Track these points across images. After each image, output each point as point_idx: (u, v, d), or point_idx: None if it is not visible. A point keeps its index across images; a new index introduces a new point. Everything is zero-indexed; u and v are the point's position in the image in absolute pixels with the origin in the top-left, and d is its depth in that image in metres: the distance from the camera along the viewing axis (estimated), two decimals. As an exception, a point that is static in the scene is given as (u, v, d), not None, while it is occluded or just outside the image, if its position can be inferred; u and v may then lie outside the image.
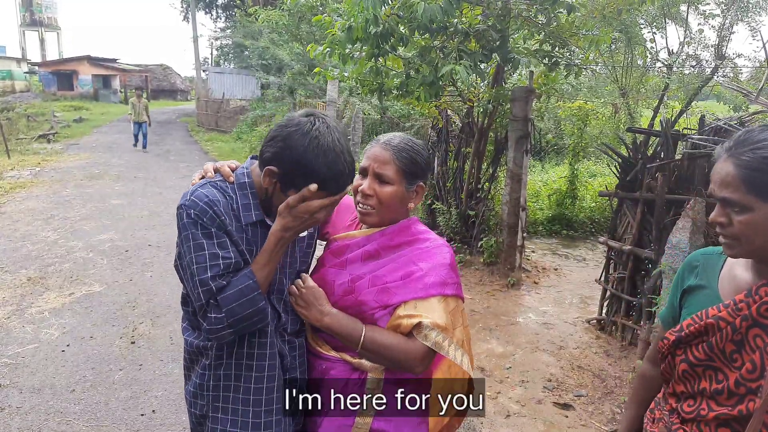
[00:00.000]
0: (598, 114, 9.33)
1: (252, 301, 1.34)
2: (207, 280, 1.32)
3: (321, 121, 1.34)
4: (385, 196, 1.51)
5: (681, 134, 4.27)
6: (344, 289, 1.53)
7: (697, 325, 1.26)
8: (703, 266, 1.35)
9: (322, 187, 1.33)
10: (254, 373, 1.46)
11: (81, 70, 36.63)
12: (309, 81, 14.98)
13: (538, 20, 5.11)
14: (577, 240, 8.13)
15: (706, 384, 1.25)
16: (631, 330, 4.46)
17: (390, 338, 1.46)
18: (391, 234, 1.57)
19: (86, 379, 3.64)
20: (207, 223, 1.33)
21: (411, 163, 1.53)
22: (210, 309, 1.33)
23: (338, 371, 1.53)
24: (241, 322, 1.34)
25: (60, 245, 6.48)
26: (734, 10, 5.91)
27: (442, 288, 1.49)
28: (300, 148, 1.30)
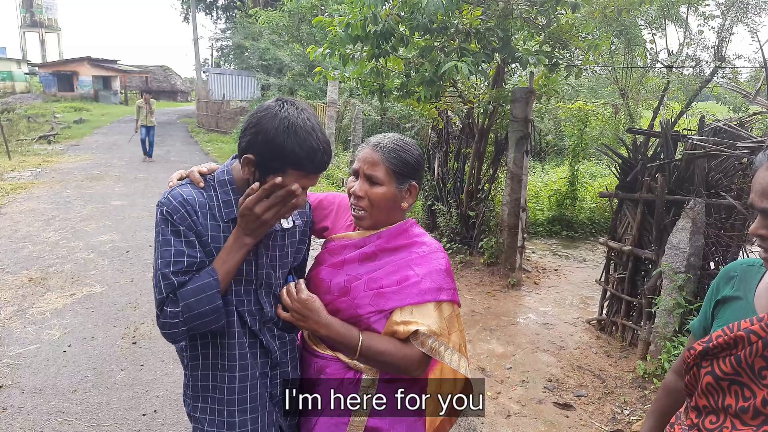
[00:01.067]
0: (598, 115, 9.34)
1: (210, 298, 1.35)
2: (169, 274, 1.34)
3: (290, 104, 1.37)
4: (376, 197, 1.52)
5: (681, 135, 4.27)
6: (340, 290, 1.53)
7: (726, 337, 1.20)
8: (740, 277, 1.30)
9: (297, 166, 1.34)
10: (227, 373, 1.47)
11: (81, 71, 36.67)
12: (309, 82, 15.01)
13: (538, 21, 5.12)
14: (578, 241, 8.14)
15: (732, 400, 1.20)
16: (632, 330, 4.47)
17: (387, 344, 1.47)
18: (388, 236, 1.58)
19: (88, 380, 3.65)
20: (177, 221, 1.37)
21: (401, 163, 1.53)
22: (168, 303, 1.35)
23: (333, 369, 1.55)
24: (196, 319, 1.35)
25: (61, 246, 6.49)
26: (734, 11, 5.92)
27: (437, 294, 1.50)
28: (271, 131, 1.31)
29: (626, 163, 4.56)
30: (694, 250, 3.83)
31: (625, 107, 8.03)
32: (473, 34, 4.77)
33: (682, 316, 3.84)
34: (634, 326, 4.41)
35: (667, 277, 3.94)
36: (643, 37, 6.87)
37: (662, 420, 1.54)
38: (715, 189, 3.91)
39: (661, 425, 1.53)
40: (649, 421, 1.58)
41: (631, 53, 6.99)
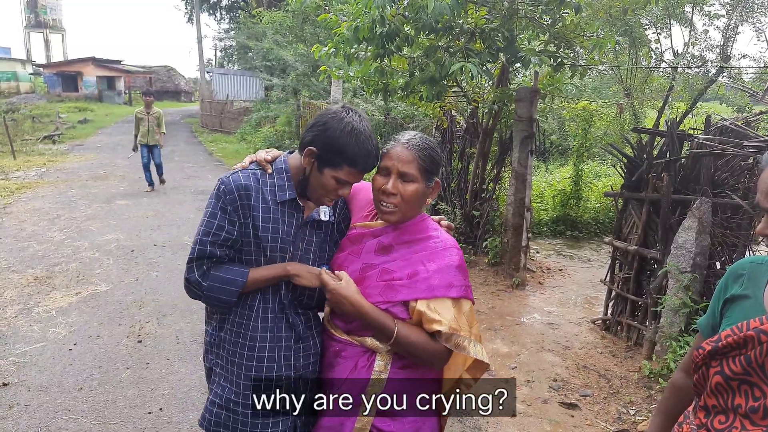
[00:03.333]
0: (602, 114, 9.32)
1: (230, 293, 1.61)
2: (206, 242, 1.59)
3: (353, 112, 1.61)
4: (409, 194, 1.58)
5: (686, 134, 4.26)
6: (355, 278, 1.62)
7: (735, 337, 1.19)
8: (749, 275, 1.29)
9: (352, 164, 1.57)
10: (248, 342, 1.67)
11: (85, 72, 36.78)
12: (313, 82, 15.01)
13: (543, 21, 5.12)
14: (582, 241, 8.12)
15: (742, 400, 1.18)
16: (637, 330, 4.46)
17: (418, 336, 1.56)
18: (405, 229, 1.66)
19: (93, 378, 3.66)
20: (227, 201, 1.59)
21: (431, 160, 1.61)
22: (197, 267, 1.60)
23: (349, 353, 1.65)
24: (211, 300, 1.62)
25: (66, 245, 6.51)
26: (739, 10, 5.90)
27: (446, 290, 1.56)
28: (336, 131, 1.55)
29: (632, 162, 4.54)
30: (700, 249, 3.82)
31: (630, 107, 8.02)
32: (478, 34, 4.77)
33: (688, 315, 3.83)
34: (640, 326, 4.40)
35: (672, 277, 3.93)
36: (647, 36, 6.85)
37: (670, 419, 1.52)
38: (722, 188, 3.90)
39: (668, 424, 1.52)
40: (657, 420, 1.57)
41: (636, 53, 6.97)
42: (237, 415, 1.67)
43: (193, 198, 9.68)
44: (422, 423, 1.64)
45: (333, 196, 1.63)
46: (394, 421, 1.60)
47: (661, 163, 4.21)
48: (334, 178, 1.58)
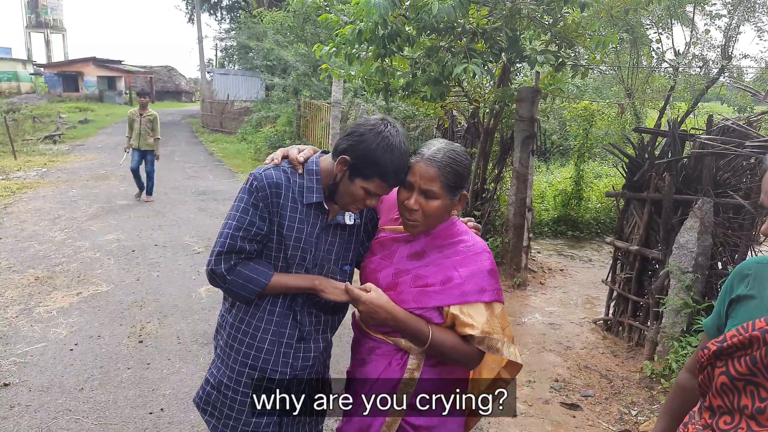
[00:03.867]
0: (603, 114, 9.31)
1: (251, 291, 1.65)
2: (237, 236, 1.62)
3: (391, 125, 1.61)
4: (432, 210, 1.58)
5: (688, 134, 4.25)
6: (388, 283, 1.66)
7: (741, 337, 1.19)
8: (755, 276, 1.28)
9: (384, 178, 1.57)
10: (251, 330, 1.72)
11: (86, 72, 36.79)
12: (314, 82, 15.00)
13: (545, 20, 5.11)
14: (583, 241, 8.11)
15: (748, 401, 1.18)
16: (638, 330, 4.45)
17: (451, 340, 1.59)
18: (435, 234, 1.67)
19: (94, 378, 3.65)
20: (259, 197, 1.62)
21: (455, 176, 1.58)
22: (224, 260, 1.62)
23: (383, 350, 1.68)
24: (232, 293, 1.67)
25: (67, 245, 6.51)
26: (741, 10, 5.89)
27: (479, 295, 1.58)
28: (372, 144, 1.55)
29: (633, 162, 4.54)
30: (702, 249, 3.81)
31: (631, 107, 8.01)
32: (480, 34, 4.76)
33: (690, 315, 3.82)
34: (641, 326, 4.40)
35: (674, 277, 3.93)
36: (649, 36, 6.85)
37: (675, 420, 1.52)
38: (723, 188, 3.89)
39: (673, 425, 1.51)
40: (662, 421, 1.56)
41: (637, 53, 6.96)
42: (226, 399, 1.73)
43: (194, 198, 9.68)
44: (450, 419, 1.68)
45: (360, 206, 1.65)
46: (422, 416, 1.65)
47: (663, 163, 4.20)
48: (364, 189, 1.59)
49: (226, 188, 10.77)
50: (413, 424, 1.65)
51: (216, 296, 5.13)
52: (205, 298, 5.09)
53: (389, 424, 1.65)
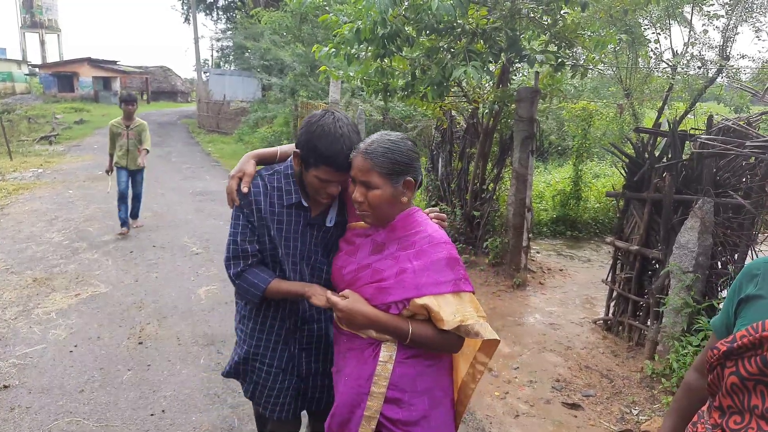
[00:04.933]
0: (601, 115, 9.33)
1: (252, 295, 1.87)
2: (237, 241, 1.86)
3: (329, 113, 1.74)
4: (375, 200, 1.63)
5: (688, 134, 4.26)
6: (350, 279, 1.72)
7: (751, 338, 1.18)
8: (763, 275, 1.28)
9: (326, 163, 1.69)
10: (252, 315, 2.01)
11: (81, 72, 36.66)
12: (311, 82, 14.98)
13: (544, 21, 5.12)
14: (582, 241, 8.13)
15: (758, 401, 1.18)
16: (639, 330, 4.46)
17: (430, 331, 1.63)
18: (394, 226, 1.70)
19: (95, 380, 3.63)
20: (241, 207, 1.84)
21: (391, 164, 1.62)
22: (234, 266, 1.86)
23: (356, 344, 1.73)
24: (241, 296, 2.00)
25: (65, 246, 6.48)
26: (739, 10, 5.91)
27: (434, 287, 1.60)
28: (310, 133, 1.71)
29: (633, 162, 4.54)
30: (703, 249, 3.82)
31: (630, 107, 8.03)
32: (479, 35, 4.76)
33: (690, 315, 3.83)
34: (641, 326, 4.40)
35: (675, 277, 3.93)
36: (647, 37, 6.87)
37: (683, 419, 1.51)
38: (724, 188, 3.90)
39: (681, 425, 1.51)
40: (670, 419, 1.55)
41: (635, 53, 6.98)
42: (254, 371, 2.03)
43: (192, 199, 9.65)
44: (430, 411, 1.69)
45: (324, 194, 1.78)
46: (401, 408, 1.66)
47: (663, 165, 4.21)
48: (316, 177, 1.73)
49: (223, 189, 10.72)
50: (392, 419, 1.65)
51: (215, 297, 5.12)
52: (205, 299, 5.07)
53: (368, 419, 1.66)
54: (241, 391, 3.52)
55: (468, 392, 1.83)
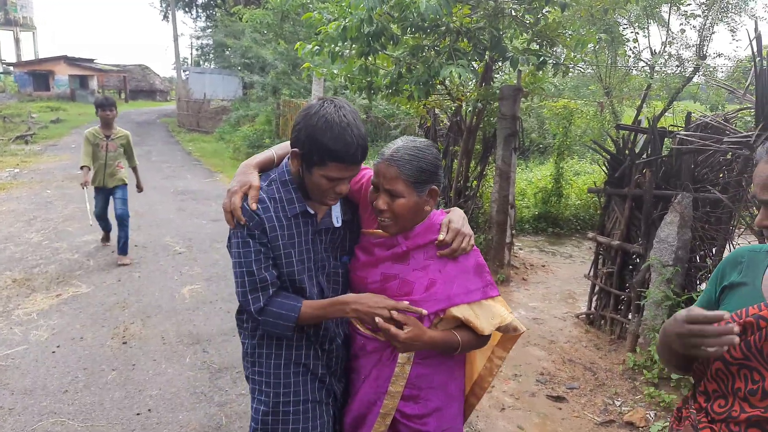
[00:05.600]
0: (582, 113, 9.46)
1: (283, 328, 1.61)
2: (252, 271, 1.59)
3: (329, 102, 1.52)
4: (399, 209, 1.56)
5: (668, 131, 4.35)
6: (375, 289, 1.65)
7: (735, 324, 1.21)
8: (747, 263, 1.32)
9: (335, 159, 1.49)
10: (275, 341, 1.72)
11: (57, 71, 36.01)
12: (293, 80, 14.93)
13: (526, 20, 5.17)
14: (563, 237, 8.23)
15: (741, 384, 1.22)
16: (620, 324, 4.54)
17: (473, 337, 1.64)
18: (416, 234, 1.65)
19: (78, 380, 3.59)
20: (251, 228, 1.58)
21: (418, 172, 1.55)
22: (253, 301, 1.60)
23: (373, 346, 1.71)
24: (267, 329, 1.65)
25: (44, 246, 6.37)
26: (715, 10, 6.05)
27: (465, 297, 1.60)
28: (311, 127, 1.48)
29: (614, 159, 4.62)
30: (682, 243, 3.91)
31: (609, 105, 8.15)
32: (463, 33, 4.80)
33: (671, 308, 3.91)
34: (623, 319, 4.48)
35: (655, 270, 4.02)
36: (626, 36, 6.99)
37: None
38: (702, 183, 3.99)
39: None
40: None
41: (614, 52, 7.10)
42: (287, 416, 1.71)
43: (173, 198, 9.55)
44: (444, 404, 1.72)
45: (333, 195, 1.58)
46: (417, 404, 1.68)
47: (643, 161, 4.30)
48: (324, 177, 1.52)
49: (204, 188, 10.66)
50: (407, 414, 1.68)
51: (199, 296, 5.08)
52: (189, 298, 5.03)
53: (383, 416, 1.68)
54: (228, 389, 3.53)
55: (485, 385, 1.85)
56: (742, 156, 3.59)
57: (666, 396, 3.55)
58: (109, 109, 5.78)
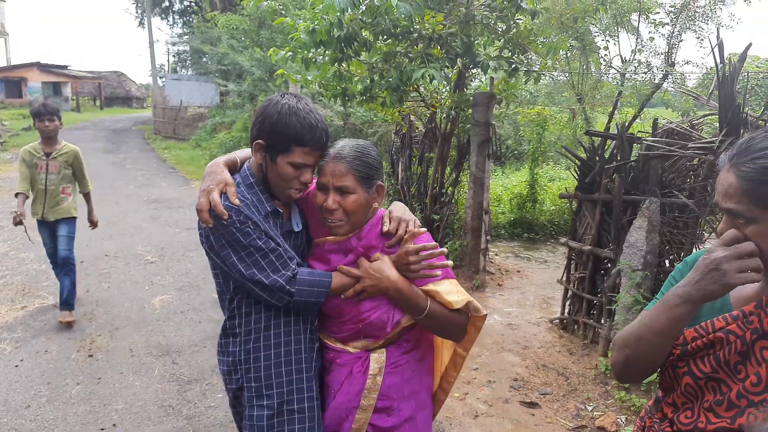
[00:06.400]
0: (555, 119, 9.56)
1: (318, 294, 1.60)
2: (268, 257, 1.57)
3: (289, 94, 1.59)
4: (351, 206, 1.58)
5: (636, 137, 4.41)
6: (341, 300, 1.64)
7: (705, 339, 1.18)
8: None
9: (300, 142, 1.53)
10: (282, 339, 1.67)
11: (30, 77, 35.38)
12: (270, 87, 14.84)
13: (498, 27, 5.21)
14: (538, 242, 8.30)
15: (710, 396, 1.19)
16: (593, 328, 4.57)
17: (445, 311, 1.62)
18: (368, 233, 1.67)
19: (42, 395, 3.48)
20: (243, 222, 1.55)
21: (366, 167, 1.59)
22: (283, 275, 1.57)
23: (343, 360, 1.69)
24: (300, 302, 1.60)
25: (11, 257, 6.21)
26: (682, 18, 6.17)
27: (430, 278, 1.63)
28: (275, 115, 1.53)
29: (584, 165, 4.67)
30: (651, 248, 3.96)
31: (582, 112, 8.26)
32: (435, 40, 4.81)
33: (641, 312, 3.95)
34: (595, 324, 4.52)
35: (625, 275, 4.05)
36: (597, 43, 7.10)
37: None
38: (669, 189, 4.05)
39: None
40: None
41: (586, 59, 7.20)
42: (293, 414, 1.68)
43: (146, 206, 9.40)
44: (416, 413, 1.72)
45: (297, 185, 1.59)
46: (390, 416, 1.67)
47: (612, 166, 4.35)
48: (290, 164, 1.55)
49: (179, 196, 10.51)
50: (380, 427, 1.66)
51: (170, 306, 4.99)
52: (159, 308, 4.94)
53: (355, 430, 1.66)
54: (197, 402, 3.46)
55: (450, 380, 1.86)
56: (707, 161, 3.65)
57: (636, 400, 3.58)
58: (49, 119, 4.45)
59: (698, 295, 1.12)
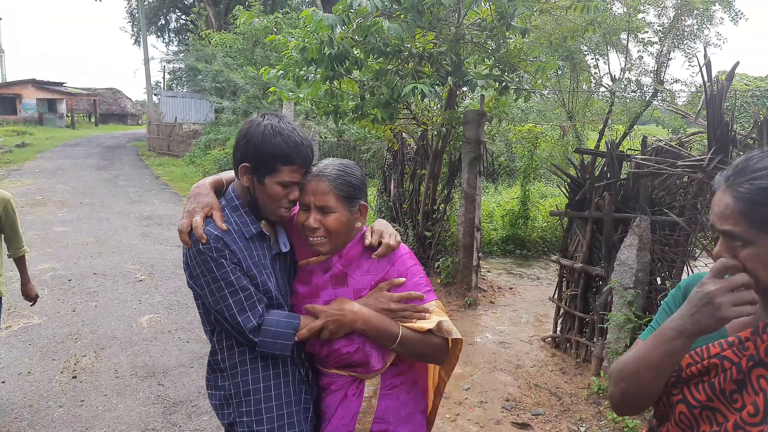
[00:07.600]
0: (547, 137, 9.61)
1: (282, 347, 1.56)
2: (237, 292, 1.54)
3: (270, 114, 1.59)
4: (332, 225, 1.57)
5: (626, 155, 4.42)
6: (315, 340, 1.61)
7: (700, 365, 1.15)
8: None
9: (287, 161, 1.53)
10: (271, 372, 1.63)
11: (25, 94, 35.43)
12: (264, 104, 14.90)
13: (488, 46, 5.25)
14: (531, 259, 8.27)
15: (706, 426, 1.15)
16: (585, 347, 4.53)
17: (417, 334, 1.58)
18: (349, 252, 1.65)
19: (23, 418, 3.40)
20: (217, 250, 1.52)
21: (348, 186, 1.59)
22: (250, 322, 1.55)
23: (337, 384, 1.66)
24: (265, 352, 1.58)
25: (-3, 275, 6.12)
26: (671, 38, 6.24)
27: None
28: (258, 137, 1.52)
29: (575, 182, 4.67)
30: (642, 266, 3.93)
31: (573, 129, 8.31)
32: (426, 58, 4.83)
33: (633, 331, 3.92)
34: (588, 342, 4.48)
35: (617, 293, 4.03)
36: (587, 62, 7.16)
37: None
38: (659, 206, 4.04)
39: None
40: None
41: (576, 78, 7.26)
42: None
43: (137, 224, 9.34)
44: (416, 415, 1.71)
45: (286, 204, 1.58)
46: None
47: (602, 184, 4.34)
48: (278, 184, 1.54)
49: (171, 212, 10.46)
50: None
51: (158, 326, 4.92)
52: (147, 328, 4.87)
53: None
54: (181, 425, 3.38)
55: (436, 402, 1.84)
56: (697, 179, 3.65)
57: (630, 421, 3.53)
58: None
59: (693, 329, 1.09)
